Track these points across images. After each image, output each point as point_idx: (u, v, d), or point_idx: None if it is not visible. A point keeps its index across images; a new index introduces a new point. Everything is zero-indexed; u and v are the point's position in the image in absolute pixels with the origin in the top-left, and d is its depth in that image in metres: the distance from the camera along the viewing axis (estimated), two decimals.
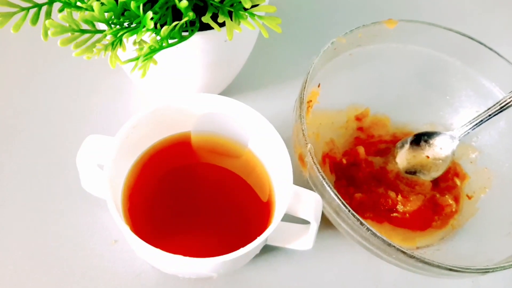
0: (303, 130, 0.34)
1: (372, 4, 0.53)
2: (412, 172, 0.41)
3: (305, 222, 0.34)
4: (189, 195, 0.35)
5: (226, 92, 0.44)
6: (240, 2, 0.30)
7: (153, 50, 0.28)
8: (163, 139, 0.36)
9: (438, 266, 0.31)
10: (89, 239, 0.37)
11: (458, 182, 0.41)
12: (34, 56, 0.45)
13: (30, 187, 0.39)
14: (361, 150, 0.41)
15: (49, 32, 0.27)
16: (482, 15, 0.55)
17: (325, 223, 0.36)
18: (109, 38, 0.29)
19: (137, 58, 0.29)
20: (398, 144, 0.42)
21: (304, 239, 0.35)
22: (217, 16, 0.30)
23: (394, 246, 0.31)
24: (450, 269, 0.31)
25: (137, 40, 0.29)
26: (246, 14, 0.30)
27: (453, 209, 0.40)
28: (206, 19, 0.30)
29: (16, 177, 0.39)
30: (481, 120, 0.40)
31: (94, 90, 0.44)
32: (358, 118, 0.43)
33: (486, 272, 0.31)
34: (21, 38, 0.44)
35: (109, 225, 0.37)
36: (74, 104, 0.43)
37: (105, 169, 0.30)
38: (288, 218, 0.32)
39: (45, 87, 0.44)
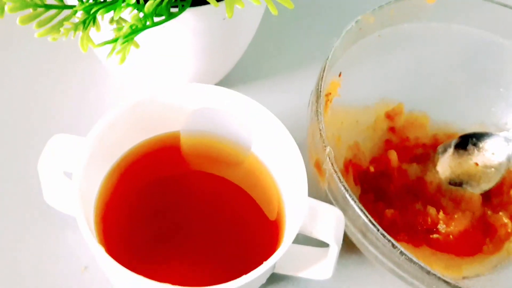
0: (320, 130, 0.34)
1: None
2: (457, 183, 0.41)
3: (323, 244, 0.34)
4: (178, 211, 0.35)
5: (224, 83, 0.44)
6: None
7: (134, 31, 0.29)
8: (145, 141, 0.36)
9: None
10: (54, 265, 0.37)
11: None
12: None
13: None
14: (393, 156, 0.41)
15: (6, 8, 0.28)
16: None
17: (348, 246, 0.36)
18: (79, 15, 0.29)
19: (114, 40, 0.29)
20: (440, 148, 0.42)
21: (321, 266, 0.35)
22: None
23: (435, 275, 0.31)
24: None
25: (115, 18, 0.29)
26: None
27: (509, 230, 0.40)
28: None
29: None
30: None
31: (61, 80, 0.44)
32: (389, 116, 0.43)
33: None
34: None
35: (78, 248, 0.37)
36: (35, 98, 0.43)
37: (74, 178, 0.31)
38: (301, 239, 0.32)
39: None
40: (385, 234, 0.32)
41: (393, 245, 0.32)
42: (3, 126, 0.42)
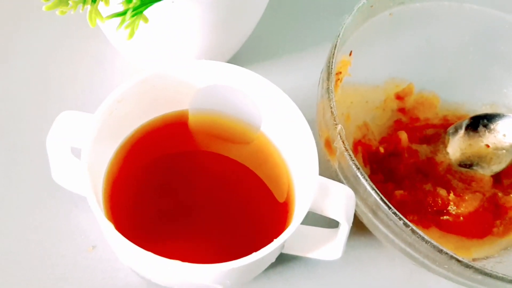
0: (331, 108, 0.34)
1: None
2: (467, 164, 0.41)
3: (331, 225, 0.34)
4: (186, 190, 0.35)
5: (233, 62, 0.44)
6: None
7: (144, 3, 0.29)
8: (154, 119, 0.36)
9: (502, 279, 0.31)
10: (60, 244, 0.37)
11: None
12: None
13: None
14: (403, 136, 0.41)
15: None
16: None
17: (357, 227, 0.37)
18: None
19: (123, 13, 0.29)
20: (450, 129, 0.42)
21: (330, 246, 0.35)
22: None
23: (447, 254, 0.31)
24: None
25: None
26: None
27: None
28: None
29: None
30: None
31: (69, 59, 0.44)
32: (399, 97, 0.43)
33: None
34: None
35: (85, 226, 0.38)
36: (44, 77, 0.43)
37: (83, 155, 0.30)
38: (310, 220, 0.32)
39: (7, 53, 0.44)
40: (397, 212, 0.32)
41: (404, 223, 0.31)
42: (12, 105, 0.42)
